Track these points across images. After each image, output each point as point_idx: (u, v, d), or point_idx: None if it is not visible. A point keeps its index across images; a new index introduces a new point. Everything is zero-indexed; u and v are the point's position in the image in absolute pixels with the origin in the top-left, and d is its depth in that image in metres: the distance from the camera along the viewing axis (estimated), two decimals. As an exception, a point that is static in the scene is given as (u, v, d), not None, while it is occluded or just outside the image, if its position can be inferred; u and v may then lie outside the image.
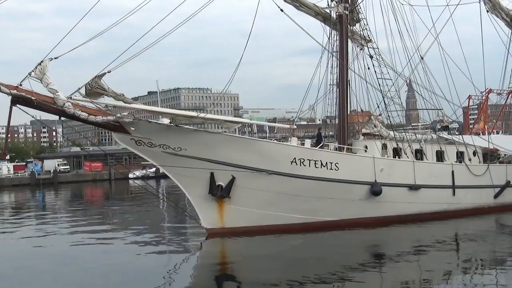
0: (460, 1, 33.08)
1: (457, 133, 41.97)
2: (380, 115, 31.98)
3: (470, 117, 72.17)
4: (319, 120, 35.85)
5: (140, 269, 20.09)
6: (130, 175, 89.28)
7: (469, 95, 54.64)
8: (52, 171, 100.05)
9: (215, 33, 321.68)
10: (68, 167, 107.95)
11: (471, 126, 60.72)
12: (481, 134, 40.59)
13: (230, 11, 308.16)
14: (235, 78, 26.17)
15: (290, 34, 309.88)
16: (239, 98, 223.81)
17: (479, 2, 34.11)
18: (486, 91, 49.95)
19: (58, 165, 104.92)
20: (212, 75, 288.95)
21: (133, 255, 22.89)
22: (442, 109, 33.91)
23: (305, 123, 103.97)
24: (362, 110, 32.59)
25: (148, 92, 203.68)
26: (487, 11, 34.99)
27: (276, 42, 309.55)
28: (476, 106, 63.21)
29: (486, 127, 53.95)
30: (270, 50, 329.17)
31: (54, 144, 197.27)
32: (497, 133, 45.08)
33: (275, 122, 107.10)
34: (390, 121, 30.65)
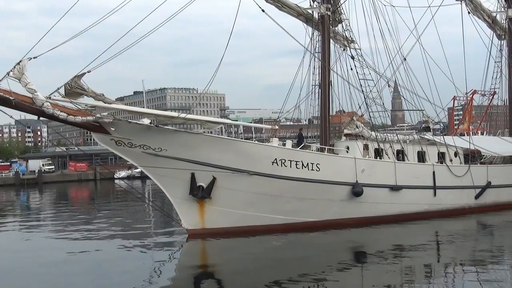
0: (442, 3, 33.24)
1: (442, 133, 42.08)
2: (362, 115, 32.11)
3: (455, 117, 72.54)
4: (305, 120, 35.86)
5: (119, 271, 19.99)
6: (116, 175, 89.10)
7: (454, 96, 54.84)
8: (36, 171, 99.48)
9: (202, 33, 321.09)
10: (53, 167, 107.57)
11: (456, 127, 60.95)
12: (465, 134, 40.76)
13: (217, 11, 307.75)
14: (222, 78, 26.44)
15: (277, 34, 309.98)
16: (226, 98, 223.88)
17: (461, 4, 34.30)
18: (471, 92, 50.13)
19: (43, 165, 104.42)
20: (198, 75, 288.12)
21: (113, 256, 22.85)
22: (424, 110, 34.08)
23: (291, 123, 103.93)
24: (344, 111, 32.62)
25: (134, 92, 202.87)
26: (469, 13, 35.20)
27: (263, 42, 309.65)
28: (461, 107, 63.46)
29: (470, 128, 54.18)
30: (257, 50, 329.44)
31: (39, 144, 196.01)
32: (482, 133, 45.28)
33: (261, 123, 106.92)
34: (372, 122, 30.73)
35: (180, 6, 24.86)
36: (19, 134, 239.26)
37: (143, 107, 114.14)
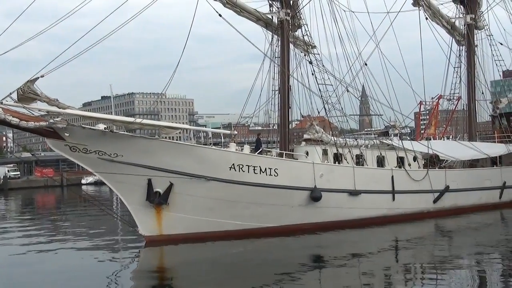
0: (400, 9, 33.57)
1: (408, 138, 42.39)
2: (323, 120, 32.23)
3: (422, 122, 73.10)
4: (274, 126, 35.88)
5: (74, 278, 19.63)
6: (83, 181, 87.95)
7: (420, 101, 55.30)
8: (1, 177, 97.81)
9: (171, 37, 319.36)
10: (19, 173, 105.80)
11: (422, 132, 61.55)
12: (432, 139, 41.10)
13: (186, 14, 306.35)
14: (190, 82, 26.71)
15: (244, 39, 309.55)
16: (194, 103, 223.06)
17: (419, 10, 34.61)
18: (437, 96, 50.60)
19: (8, 171, 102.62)
20: (167, 80, 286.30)
21: (69, 264, 22.39)
22: (383, 115, 34.35)
23: (260, 128, 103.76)
24: (303, 116, 32.71)
25: (102, 97, 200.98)
26: (426, 19, 35.58)
27: (232, 47, 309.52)
28: (427, 112, 64.06)
29: (436, 132, 54.74)
30: (227, 55, 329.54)
31: (4, 149, 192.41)
32: (447, 138, 45.69)
33: (230, 127, 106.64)
34: (331, 127, 30.86)
35: (152, 10, 25.00)
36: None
37: (111, 112, 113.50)
